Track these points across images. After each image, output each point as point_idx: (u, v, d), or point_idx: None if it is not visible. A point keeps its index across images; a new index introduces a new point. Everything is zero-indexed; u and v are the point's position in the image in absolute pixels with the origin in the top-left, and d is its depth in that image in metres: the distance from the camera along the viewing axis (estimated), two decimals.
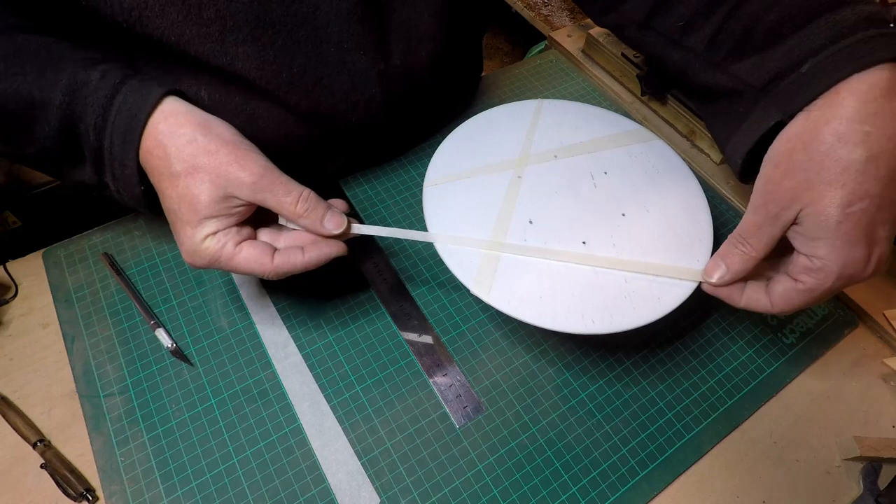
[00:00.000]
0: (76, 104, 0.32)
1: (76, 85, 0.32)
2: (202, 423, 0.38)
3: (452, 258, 0.37)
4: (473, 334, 0.43)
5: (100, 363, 0.40)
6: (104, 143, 0.33)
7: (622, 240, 0.38)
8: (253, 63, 0.37)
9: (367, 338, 0.42)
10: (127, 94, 0.32)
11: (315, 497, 0.35)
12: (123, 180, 0.34)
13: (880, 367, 0.44)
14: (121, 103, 0.32)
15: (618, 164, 0.43)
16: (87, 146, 0.33)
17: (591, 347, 0.42)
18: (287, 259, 0.34)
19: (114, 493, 0.35)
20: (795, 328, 0.45)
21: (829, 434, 0.40)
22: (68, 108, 0.32)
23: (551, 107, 0.46)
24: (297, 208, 0.34)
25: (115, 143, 0.33)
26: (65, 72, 0.32)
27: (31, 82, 0.32)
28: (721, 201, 0.52)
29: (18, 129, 0.33)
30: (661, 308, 0.35)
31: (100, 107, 0.32)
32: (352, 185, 0.51)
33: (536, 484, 0.37)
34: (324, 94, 0.41)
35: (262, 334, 0.42)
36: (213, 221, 0.32)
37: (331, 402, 0.39)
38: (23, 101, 0.32)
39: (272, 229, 0.36)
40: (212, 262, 0.33)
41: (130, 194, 0.34)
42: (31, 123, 0.33)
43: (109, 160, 0.33)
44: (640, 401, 0.40)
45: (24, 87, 0.32)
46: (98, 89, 0.32)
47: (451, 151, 0.43)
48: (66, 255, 0.45)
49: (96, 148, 0.33)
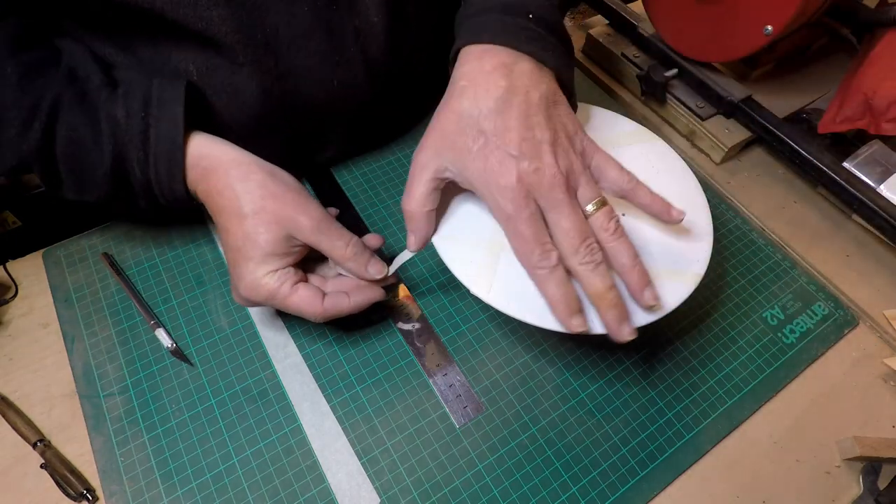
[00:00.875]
0: (119, 146, 0.36)
1: (116, 128, 0.36)
2: (202, 423, 0.38)
3: (452, 258, 0.37)
4: (473, 334, 0.43)
5: (100, 363, 0.40)
6: (150, 177, 0.36)
7: None
8: (228, 26, 0.38)
9: (366, 338, 0.42)
10: (159, 126, 0.36)
11: (315, 497, 0.35)
12: (176, 203, 0.38)
13: (880, 367, 0.44)
14: (155, 138, 0.36)
15: None
16: (136, 181, 0.37)
17: (591, 347, 0.42)
18: (335, 303, 0.36)
19: (114, 493, 0.35)
20: (795, 328, 0.45)
21: (829, 434, 0.40)
22: (113, 153, 0.36)
23: None
24: (346, 252, 0.37)
25: (161, 173, 0.36)
26: (106, 123, 0.36)
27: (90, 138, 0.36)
28: (721, 201, 0.52)
29: (84, 179, 0.37)
30: (660, 308, 0.35)
31: (139, 143, 0.36)
32: (343, 174, 0.51)
33: (536, 484, 0.37)
34: (301, 55, 0.41)
35: (262, 334, 0.42)
36: (275, 259, 0.35)
37: (331, 402, 0.39)
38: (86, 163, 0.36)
39: (318, 276, 0.39)
40: (269, 297, 0.35)
41: (184, 210, 0.39)
42: (91, 173, 0.36)
43: (159, 190, 0.37)
44: (640, 401, 0.40)
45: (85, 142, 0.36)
46: (130, 127, 0.36)
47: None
48: (66, 255, 0.45)
49: (144, 182, 0.37)
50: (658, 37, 0.58)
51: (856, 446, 0.38)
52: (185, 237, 0.46)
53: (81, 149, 0.36)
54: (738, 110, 0.53)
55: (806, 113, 0.56)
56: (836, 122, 0.49)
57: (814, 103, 0.57)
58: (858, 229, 0.51)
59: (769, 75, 0.58)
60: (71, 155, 0.36)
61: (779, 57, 0.58)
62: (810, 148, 0.49)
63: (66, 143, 0.35)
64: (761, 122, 0.52)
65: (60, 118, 0.35)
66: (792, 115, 0.56)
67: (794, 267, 0.48)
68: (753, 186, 0.54)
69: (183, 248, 0.46)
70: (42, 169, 0.36)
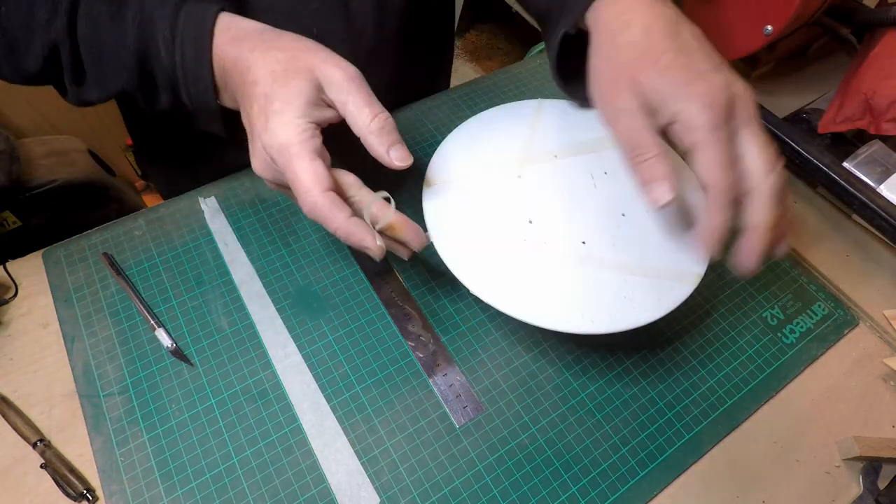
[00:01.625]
0: (146, 23, 0.34)
1: (143, 3, 0.35)
2: (202, 423, 0.38)
3: (452, 257, 0.37)
4: (473, 334, 0.43)
5: (100, 363, 0.40)
6: (176, 59, 0.35)
7: (622, 240, 0.38)
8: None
9: (367, 338, 0.42)
10: (189, 5, 0.34)
11: (315, 497, 0.35)
12: (199, 96, 0.36)
13: (880, 367, 0.44)
14: (185, 17, 0.34)
15: (618, 164, 0.43)
16: (160, 67, 0.35)
17: (591, 347, 0.42)
18: (334, 202, 0.32)
19: (114, 493, 0.35)
20: (795, 328, 0.45)
21: (829, 434, 0.40)
22: (139, 28, 0.34)
23: (552, 107, 0.46)
24: (370, 123, 0.33)
25: (187, 54, 0.34)
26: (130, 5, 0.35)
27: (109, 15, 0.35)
28: None
29: (106, 66, 0.36)
30: (660, 308, 0.35)
31: (170, 17, 0.34)
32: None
33: (536, 484, 0.37)
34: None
35: (262, 334, 0.42)
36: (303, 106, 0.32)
37: (331, 402, 0.39)
38: (107, 44, 0.35)
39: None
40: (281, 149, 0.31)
41: (206, 111, 0.37)
42: (114, 58, 0.35)
43: (183, 78, 0.35)
44: (640, 401, 0.40)
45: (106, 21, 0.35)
46: (164, 4, 0.34)
47: (450, 151, 0.43)
48: (66, 255, 0.45)
49: (169, 66, 0.35)
50: None
51: (855, 446, 0.38)
52: (185, 237, 0.46)
53: (103, 29, 0.35)
54: None
55: (806, 113, 0.56)
56: (836, 122, 0.49)
57: (814, 103, 0.57)
58: (858, 229, 0.51)
59: (769, 75, 0.58)
60: (92, 37, 0.35)
61: (779, 57, 0.58)
62: (810, 148, 0.49)
63: (87, 22, 0.35)
64: (761, 122, 0.51)
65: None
66: (792, 115, 0.56)
67: (794, 267, 0.48)
68: None
69: (183, 248, 0.46)
70: (68, 57, 0.35)
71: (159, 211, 0.47)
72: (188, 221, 0.47)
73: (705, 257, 0.37)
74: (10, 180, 0.80)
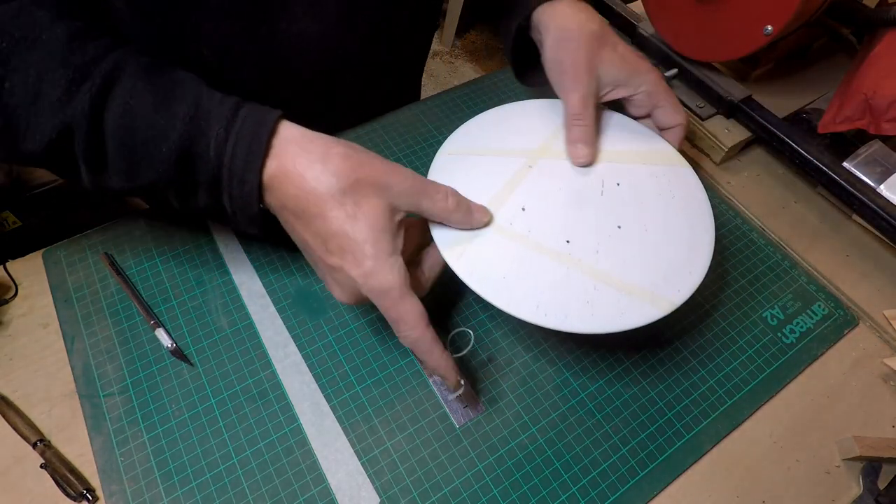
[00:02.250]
0: (199, 119, 0.32)
1: (199, 100, 0.32)
2: (202, 423, 0.38)
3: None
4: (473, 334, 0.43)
5: (100, 363, 0.40)
6: (224, 160, 0.32)
7: (607, 249, 0.38)
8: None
9: (367, 338, 0.42)
10: (248, 109, 0.33)
11: (315, 497, 0.35)
12: (242, 199, 0.33)
13: (880, 367, 0.44)
14: (245, 115, 0.32)
15: (633, 179, 0.42)
16: (204, 167, 0.32)
17: (591, 347, 0.42)
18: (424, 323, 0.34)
19: (114, 493, 0.35)
20: (795, 328, 0.45)
21: (829, 434, 0.40)
22: (190, 124, 0.31)
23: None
24: (449, 203, 0.34)
25: (238, 155, 0.32)
26: (185, 93, 0.32)
27: (152, 107, 0.31)
28: (721, 201, 0.52)
29: (139, 159, 0.32)
30: (618, 323, 0.35)
31: (224, 119, 0.32)
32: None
33: (536, 484, 0.37)
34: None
35: (262, 334, 0.42)
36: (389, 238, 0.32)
37: (331, 402, 0.39)
38: (146, 136, 0.32)
39: None
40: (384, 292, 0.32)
41: (246, 214, 0.34)
42: (151, 151, 0.32)
43: (228, 179, 0.32)
44: (640, 401, 0.40)
45: (147, 113, 0.31)
46: (222, 104, 0.32)
47: (474, 128, 0.44)
48: (66, 255, 0.45)
49: (215, 166, 0.32)
50: (658, 37, 0.58)
51: (855, 446, 0.38)
52: (185, 237, 0.46)
53: (143, 120, 0.31)
54: (738, 110, 0.53)
55: (806, 113, 0.56)
56: (836, 122, 0.49)
57: (814, 103, 0.57)
58: (858, 229, 0.51)
59: (769, 75, 0.58)
60: (127, 127, 0.31)
61: (779, 57, 0.58)
62: (810, 148, 0.49)
63: (122, 111, 0.31)
64: (761, 122, 0.52)
65: (122, 81, 0.31)
66: (792, 115, 0.56)
67: (794, 267, 0.48)
68: (753, 186, 0.54)
69: (183, 248, 0.46)
70: (85, 144, 0.31)
71: (159, 211, 0.47)
72: (188, 221, 0.47)
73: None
74: (10, 180, 0.80)
